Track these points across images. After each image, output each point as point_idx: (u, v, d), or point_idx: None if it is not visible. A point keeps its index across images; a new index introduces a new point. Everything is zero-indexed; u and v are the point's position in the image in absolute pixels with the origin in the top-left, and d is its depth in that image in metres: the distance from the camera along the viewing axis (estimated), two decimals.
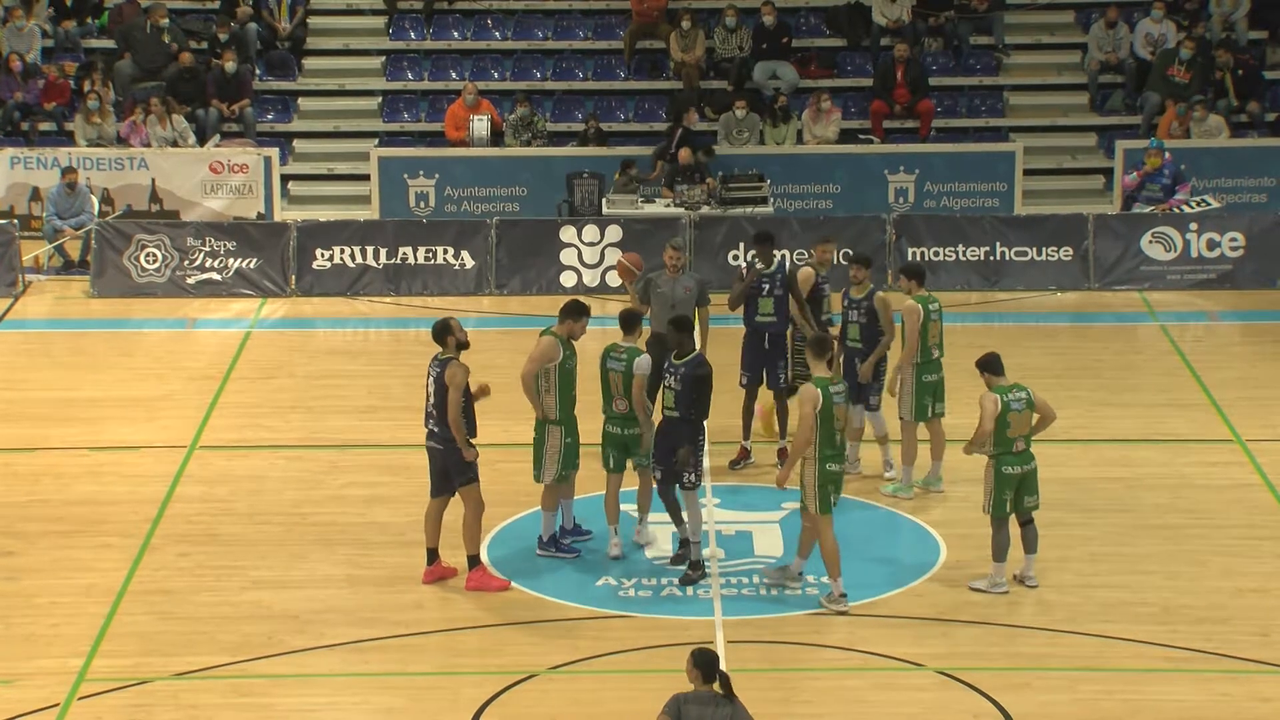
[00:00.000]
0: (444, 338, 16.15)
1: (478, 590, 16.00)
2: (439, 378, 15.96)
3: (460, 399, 15.87)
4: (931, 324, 18.03)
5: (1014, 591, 16.10)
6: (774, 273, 18.77)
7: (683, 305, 18.23)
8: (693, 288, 18.52)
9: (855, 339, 18.41)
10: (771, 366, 18.76)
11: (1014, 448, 15.79)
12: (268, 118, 30.18)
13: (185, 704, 14.28)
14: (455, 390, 15.83)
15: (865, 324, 18.34)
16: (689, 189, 26.81)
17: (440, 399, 15.92)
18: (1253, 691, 14.46)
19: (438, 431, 16.01)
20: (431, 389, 16.02)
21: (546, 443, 16.53)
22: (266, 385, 22.04)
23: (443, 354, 16.12)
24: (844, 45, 31.20)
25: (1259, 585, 16.38)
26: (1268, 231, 26.02)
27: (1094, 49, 30.51)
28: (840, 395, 15.54)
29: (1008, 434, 15.75)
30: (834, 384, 15.56)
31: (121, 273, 25.61)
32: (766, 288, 18.71)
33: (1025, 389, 15.92)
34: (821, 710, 14.17)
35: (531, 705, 14.25)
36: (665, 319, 17.68)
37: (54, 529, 17.63)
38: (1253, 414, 20.70)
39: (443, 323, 16.25)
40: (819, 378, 15.54)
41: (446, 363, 16.00)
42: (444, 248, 25.88)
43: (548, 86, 30.75)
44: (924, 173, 28.45)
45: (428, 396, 16.05)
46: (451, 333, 16.14)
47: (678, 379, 16.22)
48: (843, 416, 15.62)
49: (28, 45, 30.05)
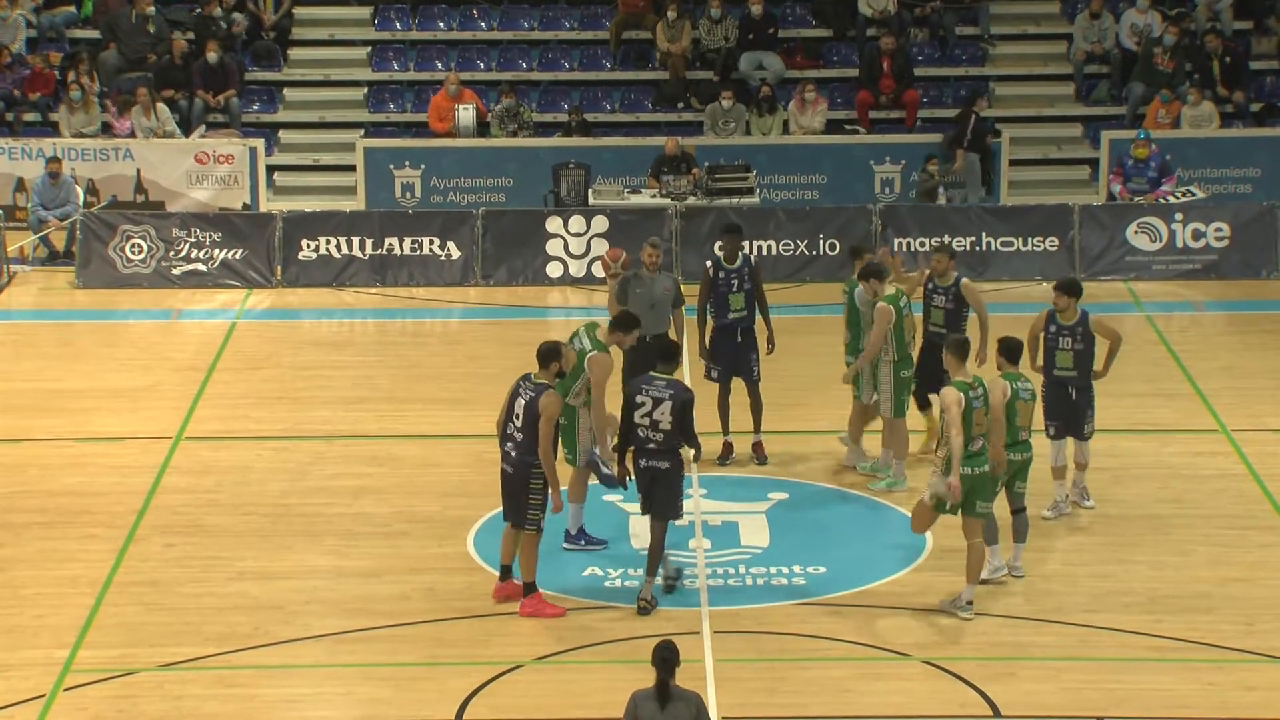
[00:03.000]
0: (550, 363, 15.20)
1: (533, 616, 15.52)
2: (531, 403, 15.02)
3: (553, 432, 15.09)
4: (905, 320, 18.03)
5: (999, 581, 16.09)
6: (740, 266, 18.74)
7: (661, 304, 18.24)
8: (671, 287, 18.49)
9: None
10: (745, 360, 18.75)
11: (1019, 436, 15.80)
12: (253, 108, 30.13)
13: (171, 695, 14.26)
14: (549, 423, 15.01)
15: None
16: (675, 179, 26.81)
17: (529, 425, 15.06)
18: (1238, 681, 14.49)
19: (515, 456, 15.23)
20: (520, 411, 15.10)
21: (578, 425, 16.45)
22: (252, 376, 22.01)
23: (538, 377, 15.19)
24: (830, 36, 31.19)
25: (1244, 575, 16.40)
26: (1253, 222, 26.05)
27: (1079, 39, 30.53)
28: (980, 400, 15.26)
29: (1016, 422, 15.74)
30: (974, 388, 15.25)
31: (107, 263, 25.56)
32: (736, 282, 18.69)
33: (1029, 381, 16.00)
34: (808, 700, 14.18)
35: (518, 696, 14.25)
36: (646, 318, 17.71)
37: (39, 520, 17.61)
38: (1238, 404, 20.73)
39: (554, 347, 15.28)
40: (959, 381, 15.26)
41: (543, 389, 15.07)
42: (430, 238, 25.85)
43: (534, 77, 30.72)
44: (910, 163, 28.45)
45: (512, 417, 15.22)
46: (559, 359, 15.26)
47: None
48: (982, 421, 15.25)
49: (12, 35, 29.98)
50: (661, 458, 15.41)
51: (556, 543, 16.72)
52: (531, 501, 15.27)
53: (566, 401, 16.03)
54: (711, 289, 18.78)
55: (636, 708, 11.51)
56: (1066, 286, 17.61)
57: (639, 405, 15.39)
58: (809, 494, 18.20)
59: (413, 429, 20.04)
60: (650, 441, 15.41)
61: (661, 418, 15.34)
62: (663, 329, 18.30)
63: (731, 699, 14.02)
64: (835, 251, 25.70)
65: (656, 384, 15.43)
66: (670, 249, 25.60)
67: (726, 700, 13.96)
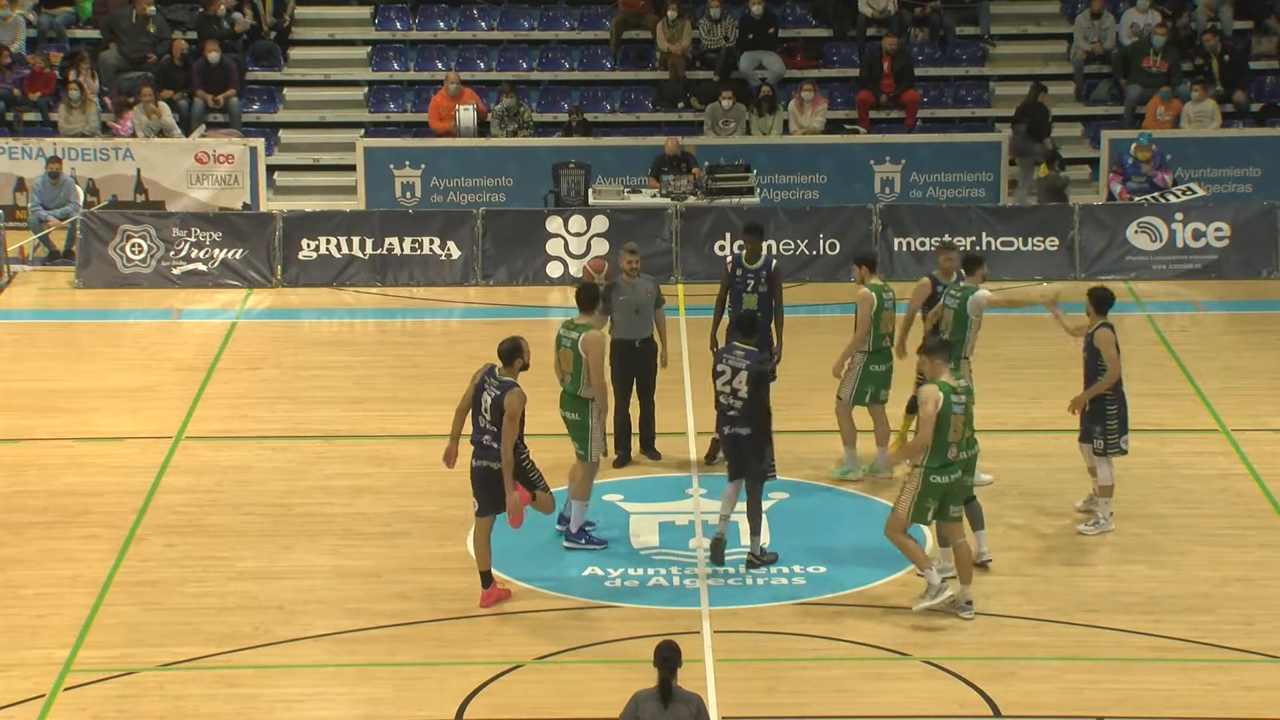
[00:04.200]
0: (513, 359, 15.34)
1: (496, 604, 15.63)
2: (499, 401, 15.15)
3: (516, 431, 15.16)
4: (885, 313, 18.05)
5: (999, 581, 16.12)
6: (759, 269, 18.73)
7: (645, 308, 18.27)
8: (652, 290, 18.49)
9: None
10: None
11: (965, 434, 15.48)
12: (253, 108, 30.12)
13: (171, 695, 14.27)
14: (512, 422, 15.10)
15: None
16: (675, 179, 26.81)
17: (500, 420, 15.15)
18: (1238, 681, 14.49)
19: (491, 450, 15.29)
20: (488, 407, 15.25)
21: (591, 421, 16.47)
22: (252, 376, 22.01)
23: (502, 372, 15.33)
24: (830, 35, 31.19)
25: (1244, 575, 16.41)
26: (1253, 221, 26.05)
27: (1079, 39, 30.52)
28: (960, 405, 15.17)
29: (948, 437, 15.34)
30: (956, 392, 15.17)
31: (107, 263, 25.56)
32: (752, 283, 18.70)
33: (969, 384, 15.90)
34: (807, 700, 14.18)
35: (518, 696, 14.25)
36: (628, 325, 17.99)
37: (39, 520, 17.61)
38: (1238, 404, 20.73)
39: (514, 343, 15.43)
40: (942, 382, 15.17)
41: (509, 387, 15.20)
42: (430, 238, 25.85)
43: (534, 77, 30.72)
44: (910, 163, 28.45)
45: (481, 411, 15.35)
46: (521, 355, 15.38)
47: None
48: (959, 428, 15.16)
49: (12, 35, 29.98)
50: (743, 424, 16.19)
51: (557, 541, 16.74)
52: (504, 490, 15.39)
53: (579, 394, 16.17)
54: (729, 284, 18.78)
55: (637, 707, 11.52)
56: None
57: (720, 374, 16.28)
58: (809, 494, 18.21)
59: (413, 429, 20.04)
60: (731, 409, 16.25)
61: (740, 386, 16.16)
62: (648, 333, 18.36)
63: (731, 698, 14.03)
64: (835, 251, 25.72)
65: (736, 353, 16.30)
66: (670, 249, 25.63)
67: (726, 700, 13.97)
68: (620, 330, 18.32)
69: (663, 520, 17.31)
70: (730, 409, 16.24)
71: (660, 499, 17.84)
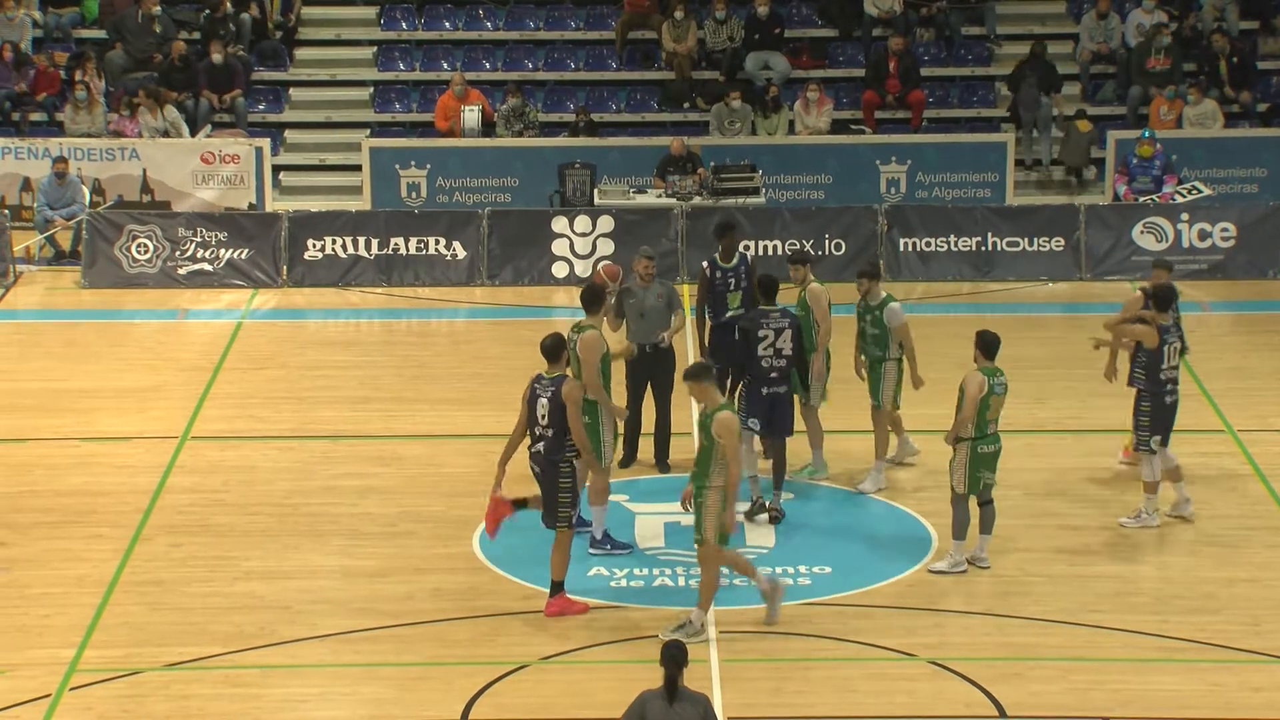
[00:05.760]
0: (558, 354, 15.31)
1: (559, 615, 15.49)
2: (554, 397, 15.13)
3: (581, 415, 15.34)
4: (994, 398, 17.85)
5: (1006, 581, 16.13)
6: (737, 265, 18.71)
7: (652, 314, 18.23)
8: (664, 294, 18.44)
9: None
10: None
11: (988, 430, 16.02)
12: (259, 108, 30.13)
13: (177, 695, 14.27)
14: (575, 407, 15.18)
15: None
16: (681, 179, 26.81)
17: (558, 422, 15.17)
18: (1244, 681, 14.48)
19: (544, 456, 15.30)
20: (545, 410, 15.17)
21: (602, 422, 16.42)
22: (258, 376, 22.02)
23: (550, 370, 15.27)
24: (836, 36, 31.19)
25: (1251, 575, 16.40)
26: (1259, 222, 26.03)
27: (1085, 39, 30.51)
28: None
29: (986, 416, 15.92)
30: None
31: (113, 263, 25.58)
32: (733, 281, 18.67)
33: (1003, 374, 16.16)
34: (813, 700, 14.18)
35: (523, 696, 14.25)
36: (636, 329, 18.12)
37: (45, 520, 17.62)
38: (1244, 404, 20.72)
39: (557, 339, 15.41)
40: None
41: (561, 381, 15.19)
42: (436, 238, 25.86)
43: (539, 77, 30.72)
44: (916, 163, 28.44)
45: (538, 419, 15.25)
46: (565, 348, 15.45)
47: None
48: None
49: (18, 35, 30.01)
50: (779, 384, 17.24)
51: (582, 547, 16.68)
52: (562, 500, 15.34)
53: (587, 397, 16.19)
54: (709, 288, 18.76)
55: (644, 706, 11.51)
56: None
57: (762, 339, 17.09)
58: (814, 494, 18.20)
59: (418, 429, 20.04)
60: (773, 370, 17.18)
61: (784, 345, 17.13)
62: (657, 338, 18.27)
63: (737, 699, 14.02)
64: (840, 251, 25.72)
65: (772, 315, 17.17)
66: (676, 249, 25.63)
67: (732, 700, 13.96)
68: (630, 335, 18.30)
69: (668, 520, 17.29)
70: (772, 370, 17.15)
71: (665, 499, 17.79)
